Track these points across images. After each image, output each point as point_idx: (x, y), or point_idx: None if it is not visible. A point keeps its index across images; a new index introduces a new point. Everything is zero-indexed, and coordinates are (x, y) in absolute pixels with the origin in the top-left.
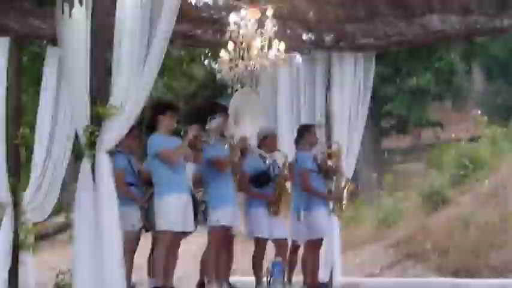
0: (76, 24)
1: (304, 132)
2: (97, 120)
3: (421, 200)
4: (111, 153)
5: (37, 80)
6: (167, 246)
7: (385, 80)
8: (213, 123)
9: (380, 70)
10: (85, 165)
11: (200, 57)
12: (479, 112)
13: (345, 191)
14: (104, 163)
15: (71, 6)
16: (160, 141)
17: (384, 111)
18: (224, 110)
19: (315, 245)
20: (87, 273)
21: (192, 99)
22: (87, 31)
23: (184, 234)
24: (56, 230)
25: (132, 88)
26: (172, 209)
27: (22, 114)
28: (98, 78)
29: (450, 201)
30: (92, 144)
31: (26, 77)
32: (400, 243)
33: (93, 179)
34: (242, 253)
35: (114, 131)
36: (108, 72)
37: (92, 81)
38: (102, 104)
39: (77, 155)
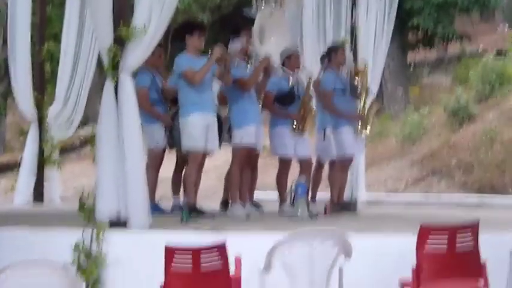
0: None
1: (331, 53)
2: (120, 41)
3: (446, 115)
4: (135, 72)
5: None
6: (197, 164)
7: None
8: (236, 44)
9: None
10: (108, 86)
11: None
12: (506, 27)
13: (370, 110)
14: (127, 85)
15: None
16: (187, 61)
17: (411, 25)
18: (247, 27)
19: (343, 164)
20: (111, 192)
21: (217, 9)
22: None
23: (209, 153)
24: (82, 142)
25: (156, 8)
26: (197, 128)
27: (47, 28)
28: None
29: (476, 117)
30: (115, 66)
31: None
32: (425, 159)
33: (116, 100)
34: (267, 168)
35: (138, 53)
36: None
37: (114, 0)
38: (125, 25)
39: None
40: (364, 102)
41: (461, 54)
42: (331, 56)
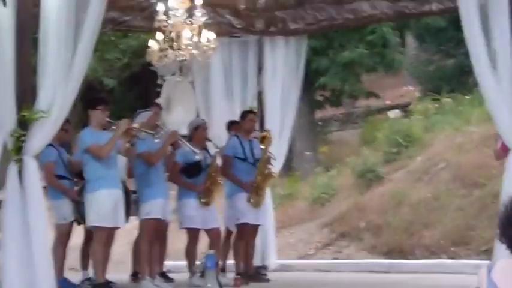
0: (0, 27)
1: (240, 119)
2: (23, 125)
3: (354, 177)
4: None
5: None
6: (103, 241)
7: (317, 54)
8: (143, 118)
9: (313, 43)
10: (12, 169)
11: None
12: (411, 88)
13: (266, 181)
14: (31, 167)
15: None
16: (91, 136)
17: (318, 85)
18: (156, 104)
19: (241, 231)
20: (16, 273)
21: (126, 69)
22: (11, 32)
23: (116, 228)
24: None
25: (59, 91)
26: (103, 204)
27: None
28: (23, 81)
29: (384, 179)
30: (19, 149)
31: None
32: (334, 221)
33: (21, 183)
34: (176, 239)
35: (42, 135)
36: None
37: (17, 84)
38: (28, 108)
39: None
40: (262, 171)
41: (368, 110)
42: (240, 121)
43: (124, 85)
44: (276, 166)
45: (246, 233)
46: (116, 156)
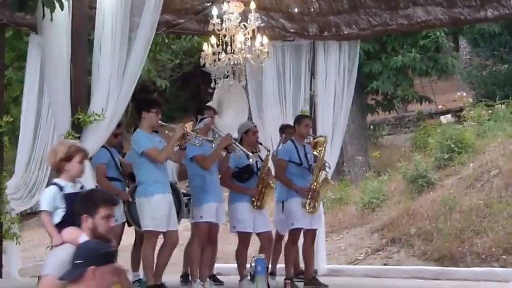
0: (57, 29)
1: (295, 124)
2: (78, 127)
3: (406, 182)
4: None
5: (21, 57)
6: (154, 245)
7: (370, 57)
8: (202, 125)
9: (365, 47)
10: None
11: None
12: (464, 93)
13: (322, 187)
14: (86, 169)
15: (52, 9)
16: (147, 139)
17: (370, 89)
18: (210, 108)
19: (293, 236)
20: None
21: (178, 70)
22: (67, 34)
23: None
24: None
25: (113, 93)
26: (159, 209)
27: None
28: (78, 83)
29: (435, 185)
30: None
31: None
32: (384, 227)
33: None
34: (226, 242)
35: (95, 137)
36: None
37: (72, 86)
38: (82, 111)
39: None
40: (317, 177)
41: (420, 114)
42: (294, 126)
43: (175, 86)
44: (328, 170)
45: (299, 238)
46: (170, 160)
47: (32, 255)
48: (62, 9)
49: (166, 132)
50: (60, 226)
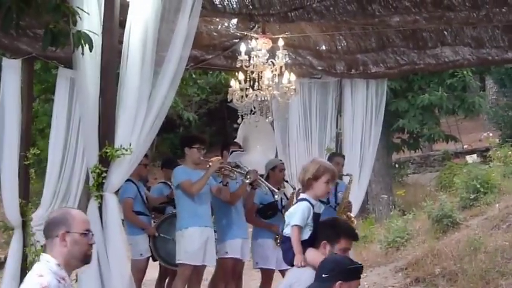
0: (87, 63)
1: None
2: (105, 161)
3: (430, 222)
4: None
5: (48, 89)
6: (186, 278)
7: (397, 96)
8: (236, 158)
9: (392, 85)
10: (92, 205)
11: None
12: (491, 133)
13: None
14: (112, 203)
15: (77, 47)
16: (184, 173)
17: (396, 127)
18: (236, 143)
19: None
20: None
21: (204, 105)
22: (96, 68)
23: (204, 267)
24: None
25: (139, 127)
26: (193, 242)
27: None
28: (106, 117)
29: (460, 225)
30: (100, 185)
31: (36, 85)
32: (409, 266)
33: (101, 218)
34: (252, 279)
35: (122, 171)
36: None
37: (100, 121)
38: (110, 145)
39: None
40: (340, 216)
41: (446, 154)
42: None
43: (201, 121)
44: (353, 209)
45: None
46: (209, 194)
47: None
48: (91, 51)
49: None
50: (306, 245)
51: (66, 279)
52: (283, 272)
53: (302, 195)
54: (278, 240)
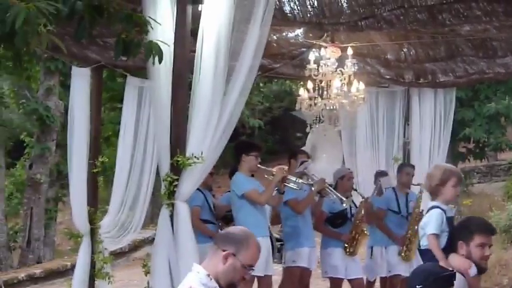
0: (161, 72)
1: (397, 173)
2: (176, 169)
3: (498, 232)
4: None
5: (113, 97)
6: None
7: (463, 105)
8: (303, 168)
9: (458, 94)
10: (164, 213)
11: None
12: None
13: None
14: (183, 211)
15: (148, 58)
16: (247, 181)
17: (462, 136)
18: (304, 152)
19: (392, 283)
20: None
21: (267, 113)
22: (168, 77)
23: (271, 277)
24: (131, 247)
25: (210, 136)
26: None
27: (100, 142)
28: (178, 126)
29: None
30: (171, 193)
31: (103, 93)
32: None
33: (172, 227)
34: (316, 286)
35: (193, 180)
36: None
37: (172, 129)
38: (182, 153)
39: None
40: (412, 226)
41: None
42: (397, 175)
43: (264, 129)
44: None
45: (397, 285)
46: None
47: None
48: (160, 62)
49: (265, 176)
50: (446, 251)
51: None
52: (351, 282)
53: (432, 203)
54: (347, 249)
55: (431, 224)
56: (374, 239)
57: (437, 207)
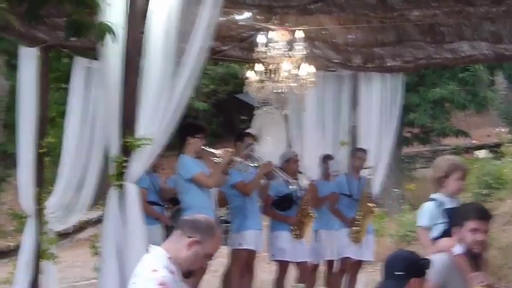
0: (109, 54)
1: (351, 157)
2: (126, 151)
3: None
4: None
5: (59, 78)
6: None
7: (408, 90)
8: (249, 151)
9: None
10: (112, 195)
11: None
12: (503, 129)
13: (366, 216)
14: (133, 193)
15: (101, 40)
16: (194, 164)
17: (407, 121)
18: (250, 134)
19: (343, 265)
20: None
21: (212, 96)
22: (118, 59)
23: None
24: (76, 228)
25: (159, 118)
26: None
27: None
28: (128, 108)
29: None
30: (120, 175)
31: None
32: None
33: (120, 209)
34: (262, 271)
35: (142, 162)
36: None
37: (122, 110)
38: (131, 134)
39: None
40: (362, 207)
41: (458, 148)
42: (350, 159)
43: (209, 111)
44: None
45: (347, 268)
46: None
47: (66, 276)
48: (113, 42)
49: (210, 158)
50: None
51: (175, 273)
52: (298, 265)
53: (431, 196)
54: (294, 232)
55: (420, 216)
56: (319, 222)
57: (432, 199)
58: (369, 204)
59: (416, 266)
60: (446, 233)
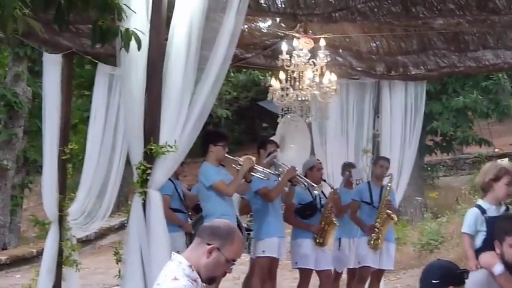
0: (133, 60)
1: (373, 165)
2: (150, 158)
3: None
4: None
5: (81, 85)
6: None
7: (431, 98)
8: (271, 158)
9: (426, 88)
10: (136, 202)
11: None
12: None
13: (385, 224)
14: (156, 200)
15: (127, 48)
16: (215, 172)
17: (429, 129)
18: (273, 142)
19: (362, 274)
20: None
21: (234, 103)
22: (142, 66)
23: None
24: (97, 235)
25: (182, 125)
26: None
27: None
28: (152, 115)
29: None
30: (144, 181)
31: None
32: None
33: (144, 215)
34: (283, 278)
35: (166, 169)
36: None
37: (146, 118)
38: (155, 141)
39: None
40: (381, 214)
41: (480, 157)
42: (372, 167)
43: (231, 119)
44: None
45: (367, 277)
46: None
47: (89, 283)
48: (139, 49)
49: (233, 166)
50: (482, 250)
51: (198, 281)
52: (320, 273)
53: (477, 202)
54: (317, 240)
55: (464, 223)
56: (342, 230)
57: (477, 206)
58: (388, 212)
59: (453, 276)
60: (486, 242)
